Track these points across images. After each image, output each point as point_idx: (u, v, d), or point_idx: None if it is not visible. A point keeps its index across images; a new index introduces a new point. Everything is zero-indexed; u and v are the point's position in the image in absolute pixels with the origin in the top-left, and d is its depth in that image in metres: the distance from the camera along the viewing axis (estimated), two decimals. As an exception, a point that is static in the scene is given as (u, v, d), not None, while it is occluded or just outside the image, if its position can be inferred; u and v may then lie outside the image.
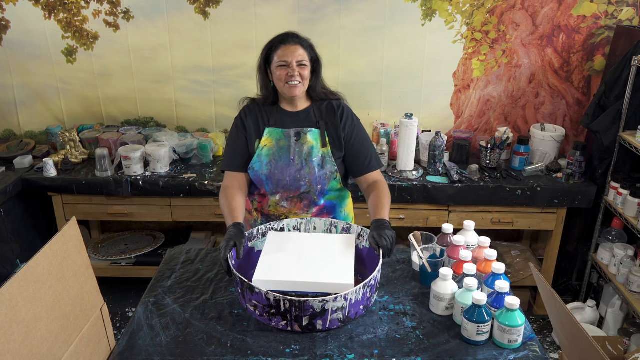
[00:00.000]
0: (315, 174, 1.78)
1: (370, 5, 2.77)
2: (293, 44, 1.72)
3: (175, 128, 3.10)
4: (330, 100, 1.84)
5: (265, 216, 1.88)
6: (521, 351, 1.34)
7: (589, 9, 2.77)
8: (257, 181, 1.81)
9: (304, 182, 1.78)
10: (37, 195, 2.74)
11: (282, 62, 1.71)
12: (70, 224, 1.26)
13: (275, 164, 1.77)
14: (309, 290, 1.43)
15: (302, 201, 1.82)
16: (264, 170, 1.78)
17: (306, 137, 1.78)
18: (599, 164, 2.69)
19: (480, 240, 1.60)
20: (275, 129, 1.79)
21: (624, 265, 2.49)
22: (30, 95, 3.00)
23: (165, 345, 1.35)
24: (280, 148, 1.78)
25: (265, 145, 1.78)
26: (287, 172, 1.77)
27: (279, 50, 1.72)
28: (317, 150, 1.78)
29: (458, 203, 2.67)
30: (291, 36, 1.74)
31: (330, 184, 1.82)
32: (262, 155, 1.78)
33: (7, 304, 1.01)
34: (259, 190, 1.85)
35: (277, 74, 1.72)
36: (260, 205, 1.87)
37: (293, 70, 1.71)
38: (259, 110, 1.82)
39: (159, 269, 1.70)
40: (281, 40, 1.73)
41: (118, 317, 2.87)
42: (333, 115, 1.81)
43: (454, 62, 2.92)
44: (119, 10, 2.81)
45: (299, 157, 1.77)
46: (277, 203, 1.83)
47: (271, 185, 1.80)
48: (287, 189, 1.80)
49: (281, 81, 1.73)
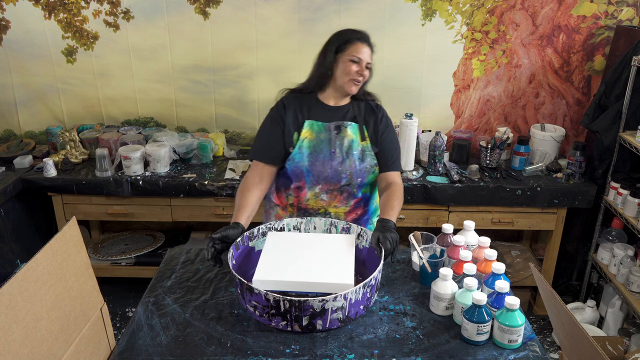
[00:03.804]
0: (355, 167, 1.79)
1: (370, 5, 2.77)
2: (367, 45, 1.75)
3: (175, 128, 3.10)
4: (368, 101, 1.87)
5: (303, 210, 1.86)
6: (521, 351, 1.34)
7: (589, 9, 2.77)
8: (296, 173, 1.80)
9: (344, 175, 1.79)
10: (37, 195, 2.74)
11: (357, 57, 1.72)
12: (70, 224, 1.26)
13: (316, 156, 1.77)
14: (308, 290, 1.43)
15: (341, 194, 1.83)
16: (305, 162, 1.78)
17: (346, 130, 1.79)
18: (599, 164, 2.69)
19: (480, 240, 1.60)
20: (315, 121, 1.79)
21: (624, 265, 2.49)
22: (30, 95, 3.00)
23: (165, 345, 1.35)
24: (321, 141, 1.78)
25: (306, 137, 1.78)
26: (328, 164, 1.78)
27: (355, 45, 1.73)
28: (356, 143, 1.79)
29: (458, 203, 2.67)
30: (366, 37, 1.77)
31: (368, 177, 1.84)
32: (303, 147, 1.78)
33: (7, 304, 1.01)
34: (295, 184, 1.83)
35: (346, 66, 1.73)
36: (297, 200, 1.85)
37: (363, 69, 1.74)
38: (299, 102, 1.82)
39: (159, 269, 1.70)
40: (358, 37, 1.75)
41: (118, 317, 2.87)
42: (372, 114, 1.84)
43: (454, 62, 2.92)
44: (119, 10, 2.81)
45: (340, 150, 1.78)
46: (316, 196, 1.82)
47: (312, 177, 1.80)
48: (328, 181, 1.80)
49: (347, 75, 1.73)
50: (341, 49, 1.74)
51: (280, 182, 1.87)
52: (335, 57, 1.75)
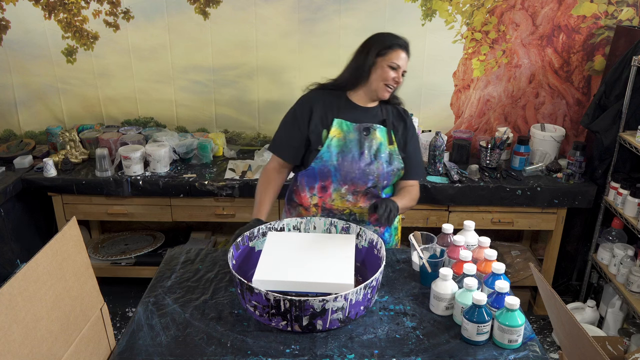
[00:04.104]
0: (383, 169, 1.79)
1: (370, 5, 2.78)
2: (406, 52, 1.76)
3: (175, 128, 3.10)
4: (395, 105, 1.88)
5: (327, 211, 1.85)
6: (521, 351, 1.34)
7: (589, 9, 2.77)
8: (324, 172, 1.79)
9: (372, 177, 1.79)
10: (37, 195, 2.74)
11: (396, 64, 1.73)
12: (70, 224, 1.26)
13: (345, 156, 1.77)
14: (308, 290, 1.43)
15: (366, 195, 1.83)
16: (334, 161, 1.77)
17: (375, 133, 1.80)
18: (599, 164, 2.69)
19: (480, 240, 1.60)
20: (344, 121, 1.79)
21: (624, 265, 2.49)
22: (30, 95, 3.00)
23: (165, 345, 1.35)
24: (350, 140, 1.78)
25: (335, 136, 1.78)
26: (356, 164, 1.78)
27: (396, 52, 1.74)
28: (384, 147, 1.80)
29: (458, 203, 2.67)
30: (406, 43, 1.78)
31: (394, 179, 1.85)
32: (332, 146, 1.77)
33: (7, 304, 1.01)
34: (321, 183, 1.83)
35: (384, 72, 1.74)
36: (322, 200, 1.85)
37: (399, 77, 1.75)
38: (328, 99, 1.82)
39: (159, 269, 1.70)
40: (400, 44, 1.75)
41: (118, 317, 2.87)
42: (401, 120, 1.86)
43: (454, 62, 2.92)
44: (119, 10, 2.81)
45: (368, 151, 1.78)
46: (342, 196, 1.82)
47: (339, 177, 1.79)
48: (355, 182, 1.80)
49: (383, 80, 1.74)
50: (382, 54, 1.74)
51: (303, 181, 1.86)
52: (375, 60, 1.75)
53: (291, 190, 1.94)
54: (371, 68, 1.75)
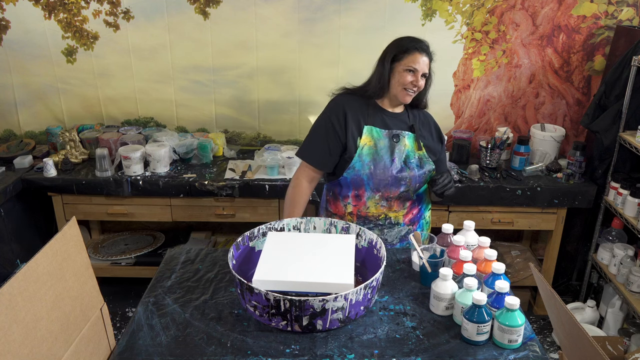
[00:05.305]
0: (415, 174, 1.81)
1: (370, 5, 2.77)
2: (425, 55, 1.74)
3: (175, 128, 3.10)
4: (420, 110, 1.89)
5: (363, 218, 1.87)
6: (521, 351, 1.34)
7: (589, 9, 2.77)
8: (357, 181, 1.81)
9: (404, 182, 1.81)
10: (37, 195, 2.74)
11: (413, 67, 1.72)
12: (70, 224, 1.26)
13: (376, 164, 1.78)
14: (308, 290, 1.43)
15: (399, 199, 1.85)
16: (366, 170, 1.78)
17: (404, 139, 1.81)
18: (599, 164, 2.69)
19: (480, 240, 1.60)
20: (374, 127, 1.79)
21: (624, 265, 2.49)
22: (30, 95, 3.00)
23: (165, 345, 1.35)
24: (380, 148, 1.79)
25: (366, 144, 1.78)
26: (388, 172, 1.79)
27: (412, 55, 1.73)
28: (413, 153, 1.82)
29: (458, 203, 2.67)
30: (425, 46, 1.76)
31: (426, 180, 1.87)
32: (363, 155, 1.78)
33: (7, 304, 1.01)
34: (354, 192, 1.84)
35: (401, 76, 1.74)
36: (357, 208, 1.86)
37: (417, 80, 1.74)
38: (358, 105, 1.82)
39: (159, 269, 1.70)
40: (417, 47, 1.74)
41: (118, 317, 2.87)
42: (427, 125, 1.89)
43: (454, 62, 2.92)
44: (119, 10, 2.81)
45: (399, 158, 1.80)
46: (376, 203, 1.84)
47: (372, 185, 1.81)
48: (388, 189, 1.81)
49: (402, 85, 1.74)
50: (398, 58, 1.74)
51: (336, 191, 1.87)
52: (392, 66, 1.75)
53: (324, 199, 1.96)
54: (389, 75, 1.76)
